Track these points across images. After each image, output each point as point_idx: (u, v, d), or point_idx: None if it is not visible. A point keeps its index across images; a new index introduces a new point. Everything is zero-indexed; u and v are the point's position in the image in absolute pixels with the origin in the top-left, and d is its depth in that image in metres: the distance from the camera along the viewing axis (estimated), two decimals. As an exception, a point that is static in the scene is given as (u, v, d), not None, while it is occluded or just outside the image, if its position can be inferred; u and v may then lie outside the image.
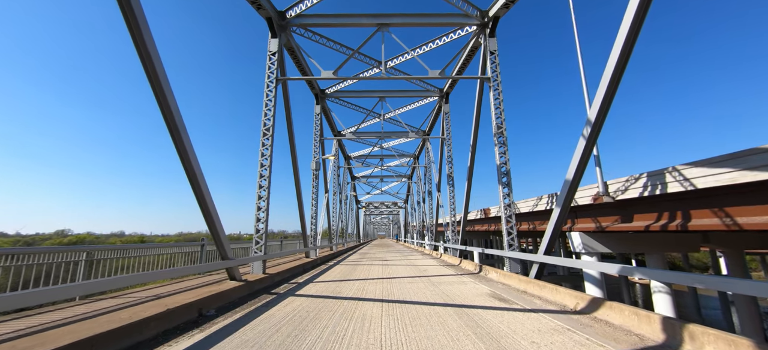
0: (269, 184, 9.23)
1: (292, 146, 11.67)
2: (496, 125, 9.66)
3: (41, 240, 59.75)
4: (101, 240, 67.22)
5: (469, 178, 12.74)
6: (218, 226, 6.38)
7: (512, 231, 9.01)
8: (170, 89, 5.14)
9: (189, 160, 5.56)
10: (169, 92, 5.11)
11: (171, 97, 5.16)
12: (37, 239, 62.21)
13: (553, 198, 15.91)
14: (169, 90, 5.10)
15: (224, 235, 6.59)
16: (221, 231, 6.47)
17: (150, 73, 4.86)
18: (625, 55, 4.74)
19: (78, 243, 58.97)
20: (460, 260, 13.30)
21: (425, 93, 17.47)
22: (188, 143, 5.51)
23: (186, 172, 5.69)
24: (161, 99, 5.08)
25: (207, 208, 6.09)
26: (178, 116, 5.33)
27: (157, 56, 4.88)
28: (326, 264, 14.10)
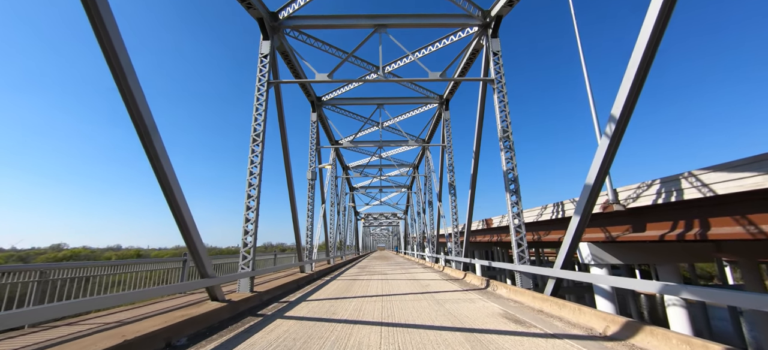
0: (259, 194, 8.55)
1: (285, 153, 11.04)
2: (501, 129, 9.07)
3: (36, 255, 58.56)
4: (97, 255, 65.96)
5: (472, 186, 12.09)
6: (196, 239, 5.67)
7: (522, 243, 8.30)
8: (138, 83, 4.52)
9: (160, 163, 4.90)
10: (136, 87, 4.49)
11: (139, 93, 4.53)
12: (31, 254, 61.03)
13: (559, 207, 15.23)
14: (135, 84, 4.48)
15: (203, 250, 5.87)
16: (199, 244, 5.76)
17: (113, 63, 4.24)
18: (660, 23, 4.07)
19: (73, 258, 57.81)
20: (464, 273, 12.52)
21: (425, 100, 16.97)
22: (159, 145, 4.86)
23: (157, 177, 5.02)
24: (127, 95, 4.45)
25: (182, 219, 5.39)
26: (147, 115, 4.69)
27: (121, 45, 4.28)
28: (322, 279, 13.29)
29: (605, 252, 14.33)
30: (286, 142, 10.93)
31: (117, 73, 4.30)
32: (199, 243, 5.76)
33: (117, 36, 4.19)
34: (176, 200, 5.22)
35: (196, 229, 5.68)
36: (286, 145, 11.03)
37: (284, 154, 11.05)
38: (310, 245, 15.12)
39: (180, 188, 5.33)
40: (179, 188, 5.30)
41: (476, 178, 11.93)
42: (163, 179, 5.02)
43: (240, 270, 7.99)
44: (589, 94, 11.84)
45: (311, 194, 15.47)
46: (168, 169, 5.03)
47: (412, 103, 17.21)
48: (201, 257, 5.84)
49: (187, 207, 5.49)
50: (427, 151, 23.15)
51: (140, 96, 4.57)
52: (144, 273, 7.81)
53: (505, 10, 9.30)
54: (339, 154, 24.83)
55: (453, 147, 16.20)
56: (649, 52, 4.24)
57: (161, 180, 5.02)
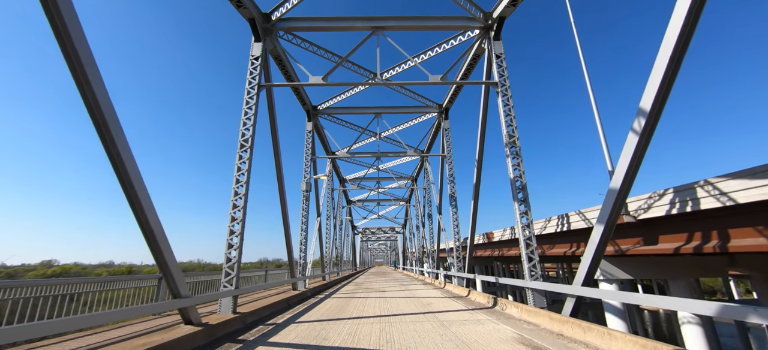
0: (245, 204, 7.83)
1: (277, 162, 10.38)
2: (507, 134, 8.50)
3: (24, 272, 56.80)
4: (88, 272, 63.99)
5: (475, 197, 11.44)
6: (166, 252, 4.93)
7: (534, 256, 7.59)
8: (95, 68, 3.89)
9: (123, 163, 4.23)
10: (94, 72, 3.86)
11: (97, 80, 3.90)
12: (19, 270, 59.22)
13: (564, 219, 14.57)
14: (93, 69, 3.85)
15: (175, 265, 5.12)
16: (170, 259, 5.01)
17: (68, 50, 3.63)
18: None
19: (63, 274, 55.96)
20: (467, 290, 11.70)
21: (424, 109, 16.52)
22: (121, 140, 4.20)
23: (119, 180, 4.33)
24: (83, 81, 3.81)
25: (149, 229, 4.67)
26: (107, 106, 4.05)
27: (78, 26, 3.67)
28: (316, 298, 12.39)
29: (614, 267, 13.58)
30: (278, 150, 10.29)
31: (69, 54, 3.68)
32: (170, 258, 5.01)
33: (70, 12, 3.59)
34: (142, 207, 4.52)
35: (166, 241, 4.95)
36: (278, 152, 10.39)
37: (276, 163, 10.40)
38: (303, 260, 14.27)
39: (147, 193, 4.63)
40: (146, 193, 4.61)
41: (479, 188, 11.29)
42: (126, 182, 4.33)
43: (222, 288, 7.19)
44: (593, 102, 11.42)
45: (305, 206, 14.73)
46: (132, 170, 4.35)
47: (411, 112, 16.76)
48: (172, 274, 5.08)
49: (156, 216, 4.78)
50: (426, 162, 22.57)
51: (99, 84, 3.94)
52: (131, 290, 7.11)
53: (507, 11, 8.90)
54: (335, 166, 24.19)
55: (453, 157, 15.64)
56: (690, 18, 3.64)
57: (124, 182, 4.34)
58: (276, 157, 10.35)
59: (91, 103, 3.91)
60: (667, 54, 3.82)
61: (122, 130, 4.25)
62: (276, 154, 10.33)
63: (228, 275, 7.25)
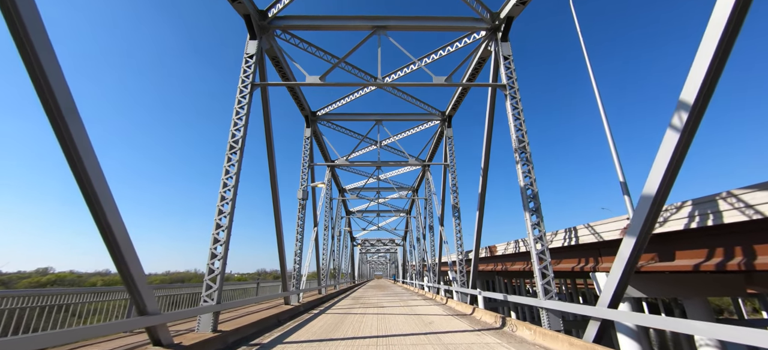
0: (232, 210, 7.19)
1: (271, 166, 9.79)
2: (516, 139, 7.91)
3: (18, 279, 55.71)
4: (83, 280, 62.64)
5: (480, 207, 10.78)
6: (131, 262, 4.27)
7: (548, 272, 6.88)
8: (49, 47, 3.33)
9: (79, 156, 3.63)
10: (47, 52, 3.29)
11: (50, 60, 3.33)
12: (13, 278, 58.18)
13: (571, 233, 13.84)
14: (45, 49, 3.29)
15: (140, 276, 4.45)
16: (135, 268, 4.35)
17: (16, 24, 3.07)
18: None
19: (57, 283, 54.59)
20: (472, 308, 10.92)
21: (426, 116, 16.03)
22: (79, 131, 3.60)
23: (75, 176, 3.72)
24: (33, 61, 3.24)
25: (111, 233, 4.03)
26: (62, 92, 3.47)
27: None
28: (310, 313, 11.59)
29: (628, 285, 12.75)
30: (273, 153, 9.71)
31: (18, 33, 3.12)
32: (135, 267, 4.35)
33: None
34: (102, 208, 3.89)
35: (130, 247, 4.29)
36: (272, 155, 9.80)
37: (270, 167, 9.81)
38: (297, 272, 13.51)
39: (108, 192, 4.01)
40: (107, 192, 3.99)
41: (485, 198, 10.64)
42: (84, 178, 3.72)
43: (202, 302, 6.47)
44: (601, 108, 10.87)
45: (301, 215, 14.06)
46: (91, 166, 3.74)
47: (413, 119, 16.25)
48: (137, 286, 4.41)
49: (119, 218, 4.14)
50: (427, 172, 21.96)
51: (53, 65, 3.37)
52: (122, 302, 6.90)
53: (516, 11, 8.43)
54: (334, 175, 23.58)
55: (456, 166, 15.04)
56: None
57: (81, 179, 3.72)
58: (270, 160, 9.76)
59: (43, 88, 3.33)
60: (717, 32, 3.24)
61: (80, 119, 3.67)
62: (270, 158, 9.74)
63: (209, 288, 6.54)
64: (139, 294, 4.47)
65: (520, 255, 19.17)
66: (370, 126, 16.32)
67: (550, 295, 6.70)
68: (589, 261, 13.47)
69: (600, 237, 11.89)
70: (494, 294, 9.94)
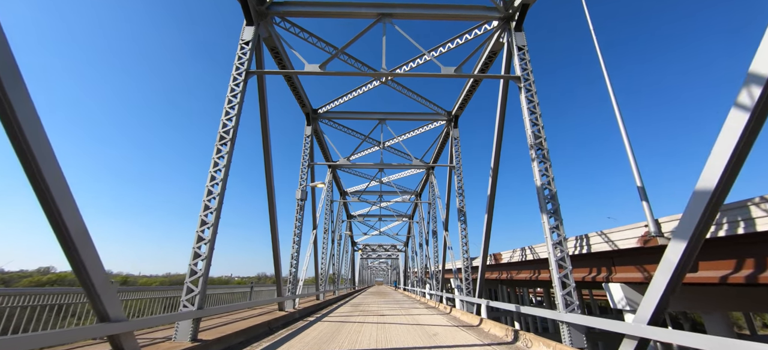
0: (220, 205, 6.56)
1: (267, 160, 9.17)
2: (532, 135, 7.24)
3: (19, 278, 55.93)
4: None
5: (489, 210, 10.06)
6: (88, 260, 3.62)
7: (569, 282, 6.15)
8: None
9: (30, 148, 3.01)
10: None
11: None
12: (14, 276, 58.42)
13: (583, 241, 13.06)
14: None
15: (101, 276, 3.79)
16: (95, 268, 3.70)
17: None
18: None
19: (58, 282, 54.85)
20: (479, 319, 10.14)
21: (432, 116, 15.41)
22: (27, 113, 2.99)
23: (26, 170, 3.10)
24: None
25: (65, 229, 3.40)
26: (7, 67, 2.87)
27: None
28: (305, 320, 10.86)
29: (641, 296, 11.92)
30: (269, 146, 9.09)
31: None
32: (94, 266, 3.70)
33: None
34: (55, 200, 3.26)
35: (88, 243, 3.65)
36: (268, 149, 9.19)
37: (265, 161, 9.18)
38: (293, 276, 12.80)
39: (63, 182, 3.39)
40: (62, 182, 3.36)
41: (494, 200, 9.93)
42: (34, 169, 3.09)
43: (181, 307, 5.80)
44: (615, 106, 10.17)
45: (299, 216, 13.39)
46: (42, 154, 3.12)
47: (418, 119, 15.62)
48: (96, 288, 3.75)
49: (75, 211, 3.50)
50: (431, 176, 21.26)
51: None
52: None
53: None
54: (336, 177, 22.95)
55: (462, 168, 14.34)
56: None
57: (32, 170, 3.10)
58: (266, 153, 9.14)
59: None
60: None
61: (31, 103, 3.06)
62: (266, 151, 9.13)
63: (190, 292, 5.86)
64: (99, 298, 3.80)
65: (528, 264, 18.31)
66: (373, 126, 15.71)
67: (571, 307, 5.95)
68: (602, 271, 12.66)
69: (614, 245, 11.10)
70: (505, 304, 9.17)
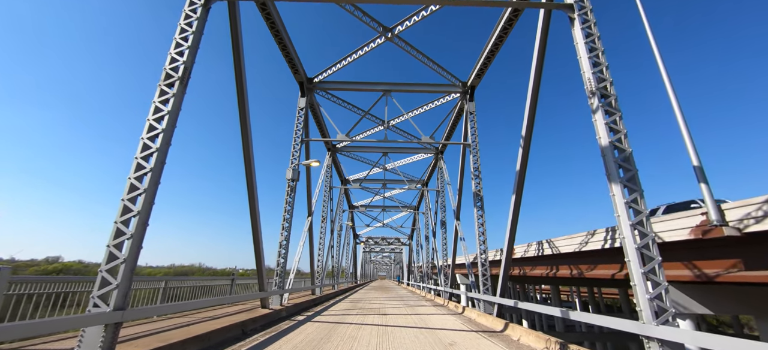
0: (160, 164, 4.71)
1: (242, 115, 7.28)
2: (594, 78, 5.27)
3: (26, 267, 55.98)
4: (89, 269, 62.49)
5: (517, 188, 8.12)
6: None
7: (658, 278, 4.20)
8: None
9: None
10: None
11: None
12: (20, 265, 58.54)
13: (614, 233, 11.08)
14: None
15: None
16: None
17: None
18: None
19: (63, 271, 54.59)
20: (503, 323, 8.26)
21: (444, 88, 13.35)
22: None
23: None
24: None
25: None
26: None
27: None
28: (293, 320, 9.08)
29: (689, 298, 9.85)
30: (244, 93, 7.19)
31: None
32: None
33: None
34: None
35: None
36: (244, 101, 7.28)
37: (240, 111, 7.29)
38: (281, 268, 11.00)
39: None
40: None
41: (525, 175, 7.99)
42: None
43: (90, 307, 3.96)
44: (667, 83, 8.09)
45: (290, 199, 11.55)
46: None
47: (428, 91, 13.56)
48: None
49: None
50: (440, 160, 19.28)
51: None
52: None
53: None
54: (336, 161, 21.06)
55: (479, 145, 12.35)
56: None
57: None
58: (240, 103, 7.25)
59: None
60: None
61: None
62: (240, 100, 7.23)
63: (105, 286, 4.03)
64: None
65: (544, 259, 16.37)
66: (377, 101, 13.72)
67: (664, 317, 4.02)
68: (625, 268, 10.71)
69: (658, 238, 9.06)
70: (545, 308, 7.22)
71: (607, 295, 39.22)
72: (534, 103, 7.17)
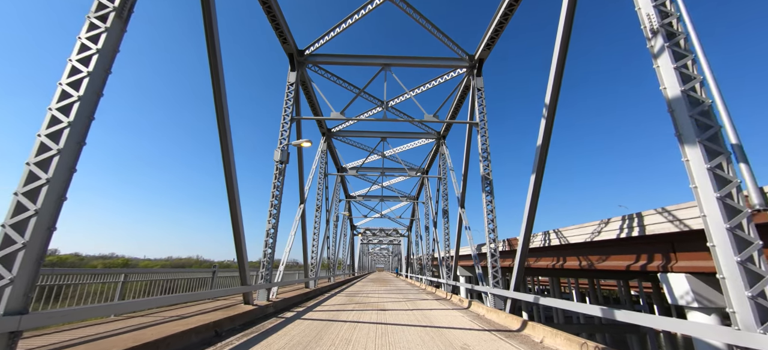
0: (89, 120, 3.52)
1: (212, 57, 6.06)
2: (656, 12, 4.10)
3: None
4: (84, 263, 61.44)
5: (539, 165, 6.98)
6: None
7: (763, 271, 3.11)
8: None
9: None
10: None
11: None
12: None
13: (630, 222, 10.05)
14: None
15: None
16: None
17: None
18: None
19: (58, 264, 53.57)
20: (520, 321, 7.19)
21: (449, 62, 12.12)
22: None
23: None
24: None
25: None
26: None
27: None
28: (280, 317, 7.98)
29: (714, 290, 8.76)
30: (215, 43, 5.95)
31: None
32: None
33: None
34: None
35: None
36: (214, 50, 6.05)
37: (211, 64, 6.07)
38: (268, 259, 9.87)
39: None
40: None
41: (548, 147, 6.85)
42: None
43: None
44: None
45: (278, 183, 10.37)
46: None
47: (430, 65, 12.24)
48: None
49: None
50: (442, 145, 18.09)
51: None
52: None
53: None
54: (331, 147, 19.83)
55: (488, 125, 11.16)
56: None
57: None
58: (212, 60, 6.01)
59: None
60: None
61: None
62: (212, 57, 5.99)
63: (-10, 279, 2.87)
64: None
65: (550, 250, 15.36)
66: (375, 75, 12.44)
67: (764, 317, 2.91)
68: (655, 258, 9.63)
69: (682, 225, 7.92)
70: (580, 305, 6.10)
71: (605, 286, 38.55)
72: (562, 58, 5.97)
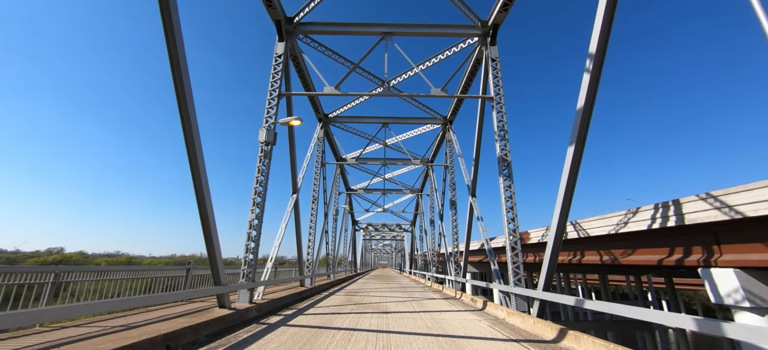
0: None
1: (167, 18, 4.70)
2: None
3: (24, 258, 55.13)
4: (89, 260, 61.36)
5: (580, 133, 5.56)
6: None
7: None
8: None
9: None
10: None
11: None
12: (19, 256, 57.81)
13: (665, 211, 8.56)
14: None
15: None
16: None
17: None
18: None
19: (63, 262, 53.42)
20: (556, 329, 5.80)
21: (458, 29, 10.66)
22: None
23: None
24: None
25: None
26: None
27: None
28: (262, 323, 6.65)
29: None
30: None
31: None
32: None
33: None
34: None
35: None
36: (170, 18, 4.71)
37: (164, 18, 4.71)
38: (252, 254, 8.53)
39: None
40: None
41: (592, 108, 5.42)
42: None
43: None
44: None
45: (263, 167, 9.01)
46: None
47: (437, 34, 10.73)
48: None
49: None
50: (449, 131, 16.63)
51: None
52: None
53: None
54: (329, 134, 18.43)
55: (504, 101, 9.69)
56: None
57: None
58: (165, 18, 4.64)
59: None
60: None
61: None
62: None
63: None
64: None
65: (565, 245, 14.03)
66: (374, 46, 10.98)
67: None
68: (693, 251, 8.18)
69: (732, 212, 6.45)
70: (624, 308, 4.69)
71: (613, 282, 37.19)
72: None
